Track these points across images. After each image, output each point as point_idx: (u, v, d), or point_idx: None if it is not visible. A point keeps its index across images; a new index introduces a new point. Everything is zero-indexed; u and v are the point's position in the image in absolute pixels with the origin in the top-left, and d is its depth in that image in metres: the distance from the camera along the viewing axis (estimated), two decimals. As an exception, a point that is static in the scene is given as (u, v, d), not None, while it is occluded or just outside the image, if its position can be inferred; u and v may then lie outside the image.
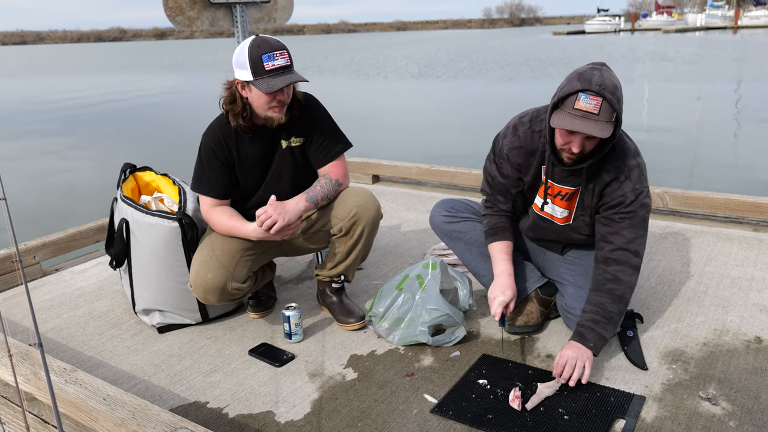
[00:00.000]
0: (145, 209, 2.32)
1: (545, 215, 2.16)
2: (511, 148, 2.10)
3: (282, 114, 2.15)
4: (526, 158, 2.09)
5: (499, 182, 2.19)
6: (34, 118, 15.50)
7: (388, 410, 1.86)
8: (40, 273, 3.05)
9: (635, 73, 20.24)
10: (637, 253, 2.00)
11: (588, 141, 1.86)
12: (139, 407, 1.66)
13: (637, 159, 2.01)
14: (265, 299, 2.54)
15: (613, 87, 1.78)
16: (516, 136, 2.09)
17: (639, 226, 2.00)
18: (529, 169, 2.10)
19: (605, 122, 1.78)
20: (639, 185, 1.98)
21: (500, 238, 2.21)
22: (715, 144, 9.43)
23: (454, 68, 25.74)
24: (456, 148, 9.84)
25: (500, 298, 2.07)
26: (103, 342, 2.37)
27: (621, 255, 1.99)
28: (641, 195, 1.98)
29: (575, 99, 1.78)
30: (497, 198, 2.23)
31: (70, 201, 7.65)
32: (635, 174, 1.98)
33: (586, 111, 1.76)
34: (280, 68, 2.07)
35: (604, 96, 1.75)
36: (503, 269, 2.16)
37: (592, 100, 1.75)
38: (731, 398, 1.84)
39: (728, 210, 3.27)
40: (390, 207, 3.85)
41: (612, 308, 1.97)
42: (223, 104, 2.19)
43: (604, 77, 1.78)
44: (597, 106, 1.75)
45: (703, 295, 2.49)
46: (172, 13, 3.45)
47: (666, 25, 71.08)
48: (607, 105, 1.76)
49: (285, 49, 2.10)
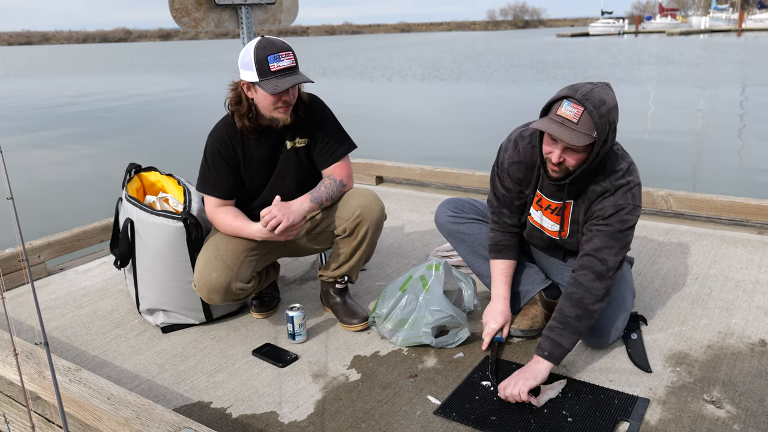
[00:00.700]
0: (149, 209, 2.33)
1: (536, 225, 2.16)
2: (511, 163, 2.10)
3: (287, 115, 2.16)
4: (525, 173, 2.09)
5: (502, 194, 2.18)
6: (40, 118, 15.56)
7: (392, 411, 1.86)
8: (44, 272, 3.06)
9: (639, 76, 20.21)
10: (604, 261, 1.91)
11: (568, 153, 1.84)
12: (143, 407, 1.66)
13: (627, 178, 1.94)
14: (268, 299, 2.54)
15: (600, 102, 1.76)
16: (516, 151, 2.09)
17: (612, 237, 1.92)
18: (529, 183, 2.10)
19: (582, 133, 1.76)
20: (622, 201, 1.92)
21: (503, 257, 2.21)
22: (720, 146, 9.41)
23: (458, 70, 25.75)
24: (460, 149, 9.84)
25: (491, 325, 2.11)
26: (108, 341, 2.37)
27: (587, 260, 1.94)
28: (622, 211, 1.92)
29: (558, 105, 1.78)
30: (502, 211, 2.20)
31: (75, 200, 7.68)
32: (621, 192, 1.93)
33: (565, 118, 1.76)
34: (285, 69, 2.08)
35: (585, 106, 1.74)
36: (499, 293, 2.18)
37: (573, 108, 1.75)
38: (736, 401, 1.84)
39: (733, 212, 3.27)
40: (394, 208, 3.85)
41: (569, 312, 1.91)
42: (229, 105, 2.20)
43: (594, 91, 1.77)
44: (577, 115, 1.75)
45: (708, 298, 2.49)
46: (178, 15, 3.46)
47: (670, 27, 70.94)
48: (588, 117, 1.75)
49: (290, 50, 2.11)
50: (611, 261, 1.92)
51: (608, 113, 1.79)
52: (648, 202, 3.43)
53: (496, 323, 2.12)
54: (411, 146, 10.18)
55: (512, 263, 2.23)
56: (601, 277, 1.92)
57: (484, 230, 2.35)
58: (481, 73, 24.06)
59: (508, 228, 2.22)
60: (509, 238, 2.22)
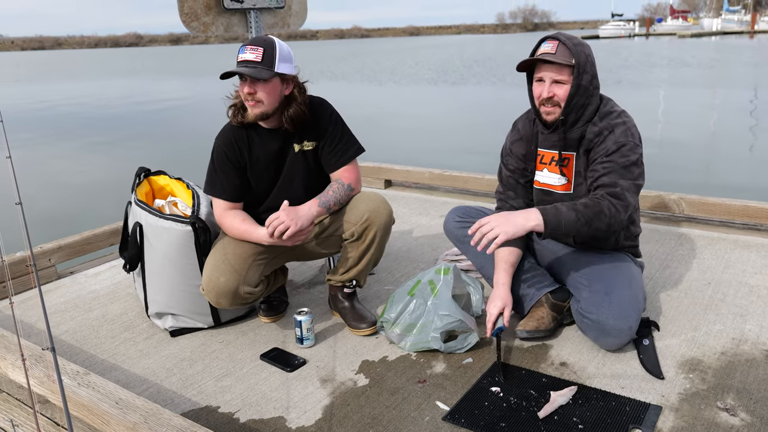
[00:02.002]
0: (158, 213, 2.33)
1: (545, 186, 2.24)
2: (513, 141, 2.28)
3: (256, 111, 2.17)
4: (527, 147, 2.25)
5: (507, 177, 2.31)
6: (49, 122, 15.69)
7: (400, 417, 1.85)
8: (55, 276, 3.07)
9: (651, 79, 20.09)
10: (615, 184, 2.01)
11: (555, 87, 2.04)
12: (150, 411, 1.66)
13: (624, 118, 2.11)
14: (276, 303, 2.54)
15: (574, 39, 2.04)
16: (516, 130, 2.28)
17: (619, 172, 2.02)
18: (530, 156, 2.24)
19: (562, 60, 2.00)
20: (623, 139, 2.05)
21: (507, 244, 2.23)
22: (733, 150, 9.32)
23: (467, 73, 25.72)
24: (469, 153, 9.82)
25: (491, 310, 2.12)
26: (116, 345, 2.37)
27: (599, 191, 2.03)
28: (624, 147, 2.04)
29: (537, 47, 2.07)
30: (507, 194, 2.32)
31: (85, 204, 7.72)
32: (620, 130, 2.06)
33: (544, 52, 2.03)
34: (245, 61, 2.12)
35: (559, 39, 2.03)
36: (499, 279, 2.19)
37: (549, 43, 2.04)
38: (750, 409, 1.81)
39: (746, 216, 3.23)
40: (402, 212, 3.84)
41: (580, 203, 1.99)
42: (233, 100, 2.27)
43: (572, 36, 2.05)
44: (554, 48, 2.02)
45: (721, 303, 2.45)
46: (188, 19, 3.47)
47: (681, 29, 70.58)
48: (564, 47, 2.01)
49: (265, 47, 2.12)
50: (624, 183, 2.02)
51: (581, 44, 2.05)
52: (660, 206, 3.40)
53: (495, 308, 2.12)
54: (420, 150, 10.17)
55: (515, 251, 2.23)
56: (616, 195, 2.00)
57: None
58: (491, 76, 24.02)
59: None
60: None
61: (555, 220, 1.95)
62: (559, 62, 2.00)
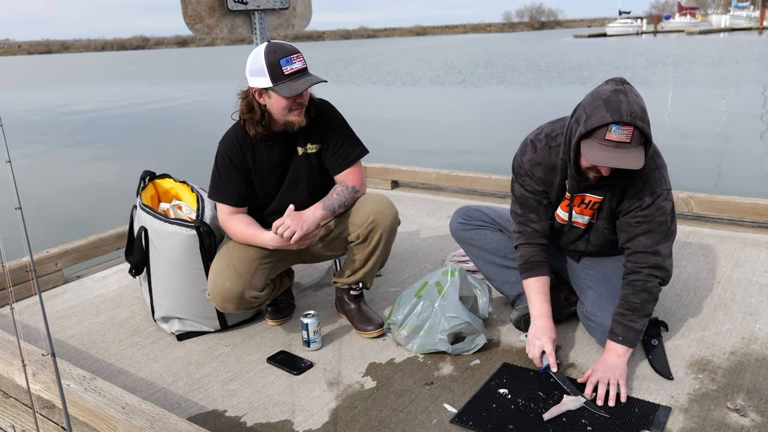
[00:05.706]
0: (163, 217, 2.33)
1: (564, 222, 2.13)
2: (533, 164, 2.08)
3: (302, 117, 2.16)
4: (547, 174, 2.07)
5: (526, 198, 2.13)
6: (55, 126, 15.78)
7: (407, 420, 1.84)
8: (62, 280, 3.08)
9: (658, 76, 19.97)
10: (657, 253, 1.96)
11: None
12: (157, 416, 1.66)
13: (656, 161, 1.97)
14: (283, 306, 2.53)
15: (641, 111, 1.75)
16: (535, 153, 2.08)
17: (657, 231, 1.96)
18: (552, 186, 2.08)
19: (637, 147, 1.77)
20: (658, 188, 1.94)
21: (536, 274, 2.11)
22: (742, 147, 9.25)
23: (474, 73, 25.65)
24: (476, 153, 9.79)
25: (537, 343, 2.00)
26: (123, 349, 2.38)
27: (639, 257, 1.97)
28: (659, 198, 1.95)
29: (606, 131, 1.75)
30: (529, 217, 2.14)
31: (91, 208, 7.75)
32: (655, 176, 1.95)
33: (619, 141, 1.75)
34: (298, 71, 2.08)
35: (635, 125, 1.73)
36: (540, 311, 2.07)
37: (624, 130, 1.74)
38: (760, 409, 1.78)
39: (756, 215, 3.19)
40: (409, 213, 3.82)
41: (635, 299, 1.95)
42: (240, 114, 2.20)
43: (631, 102, 1.74)
44: (629, 135, 1.74)
45: (730, 303, 2.43)
46: (191, 21, 3.47)
47: (689, 26, 70.09)
48: (638, 132, 1.75)
49: (299, 52, 2.10)
50: (664, 250, 1.98)
51: (647, 115, 1.80)
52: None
53: (541, 341, 1.99)
54: (427, 150, 10.15)
55: (547, 279, 2.12)
56: (659, 267, 1.97)
57: (489, 235, 2.36)
58: (498, 75, 23.95)
59: (536, 238, 2.14)
60: (538, 252, 2.13)
61: (636, 339, 1.96)
62: (637, 161, 1.76)
